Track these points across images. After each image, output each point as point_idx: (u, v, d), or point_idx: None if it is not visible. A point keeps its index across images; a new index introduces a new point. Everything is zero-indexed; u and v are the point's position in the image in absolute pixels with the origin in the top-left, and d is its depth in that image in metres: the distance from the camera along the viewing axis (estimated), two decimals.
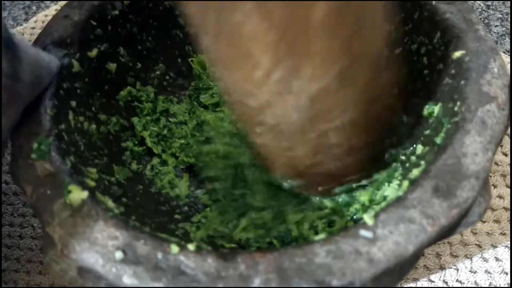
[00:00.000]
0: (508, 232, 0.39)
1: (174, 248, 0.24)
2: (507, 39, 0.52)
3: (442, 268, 0.38)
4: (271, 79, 0.25)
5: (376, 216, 0.25)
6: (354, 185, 0.34)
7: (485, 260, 0.38)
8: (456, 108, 0.29)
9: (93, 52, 0.36)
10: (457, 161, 0.26)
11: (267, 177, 0.35)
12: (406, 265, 0.25)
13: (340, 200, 0.34)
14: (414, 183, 0.26)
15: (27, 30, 0.58)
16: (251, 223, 0.33)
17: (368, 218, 0.25)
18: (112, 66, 0.38)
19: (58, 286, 0.39)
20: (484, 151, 0.26)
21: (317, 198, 0.35)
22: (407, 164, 0.32)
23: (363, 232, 0.24)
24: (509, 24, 0.53)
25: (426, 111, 0.33)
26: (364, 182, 0.34)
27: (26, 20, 0.60)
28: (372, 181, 0.34)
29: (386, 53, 0.29)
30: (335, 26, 0.23)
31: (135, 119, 0.39)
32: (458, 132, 0.27)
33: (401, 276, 0.25)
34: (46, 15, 0.59)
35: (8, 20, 0.61)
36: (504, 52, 0.51)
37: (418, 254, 0.24)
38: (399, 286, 0.37)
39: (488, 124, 0.27)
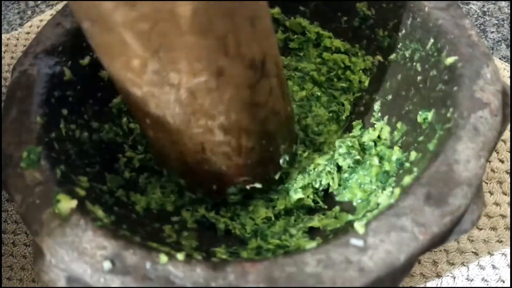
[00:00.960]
0: (505, 240, 0.39)
1: (163, 258, 0.24)
2: (503, 45, 0.52)
3: (438, 276, 0.38)
4: (149, 68, 0.25)
5: (367, 224, 0.24)
6: (248, 187, 0.35)
7: (482, 267, 0.38)
8: (449, 115, 0.29)
9: (86, 60, 0.36)
10: (449, 168, 0.26)
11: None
12: (397, 274, 0.24)
13: None
14: (406, 190, 0.26)
15: (21, 35, 0.58)
16: None
17: (359, 227, 0.24)
18: (105, 73, 0.37)
19: None
20: (476, 157, 0.26)
21: None
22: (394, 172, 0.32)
23: (354, 241, 0.24)
24: (505, 30, 0.53)
25: (419, 117, 0.33)
26: (257, 184, 0.35)
27: (21, 25, 0.61)
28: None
29: (275, 59, 0.30)
30: (206, 24, 0.24)
31: (133, 125, 0.39)
32: (451, 138, 0.27)
33: (393, 285, 0.25)
34: (41, 20, 0.59)
35: (3, 25, 0.61)
36: (500, 59, 0.51)
37: (410, 262, 0.24)
38: None
39: (480, 131, 0.27)
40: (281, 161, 0.35)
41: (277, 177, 0.36)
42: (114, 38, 0.24)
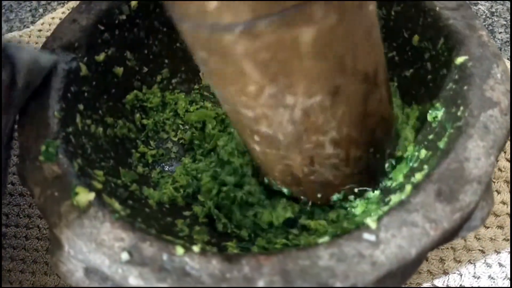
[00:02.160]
0: None
1: (179, 250, 0.25)
2: None
3: (445, 273, 0.38)
4: (265, 93, 0.26)
5: (379, 219, 0.25)
6: (356, 190, 0.34)
7: (489, 265, 0.38)
8: (459, 113, 0.29)
9: (101, 56, 0.36)
10: (459, 165, 0.26)
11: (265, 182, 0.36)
12: (408, 269, 0.25)
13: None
14: (417, 187, 0.26)
15: (33, 32, 0.59)
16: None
17: (371, 222, 0.25)
18: (119, 70, 0.38)
19: (63, 287, 0.39)
20: (486, 155, 0.26)
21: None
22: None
23: (366, 236, 0.24)
24: None
25: (430, 116, 0.33)
26: (366, 188, 0.34)
27: (33, 22, 0.61)
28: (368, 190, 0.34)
29: (384, 67, 0.30)
30: (326, 48, 0.24)
31: (146, 121, 0.40)
32: (461, 136, 0.27)
33: (403, 279, 0.25)
34: (53, 18, 0.60)
35: (15, 22, 0.62)
36: (508, 59, 0.51)
37: (421, 257, 0.25)
38: None
39: (490, 129, 0.27)
40: (386, 165, 0.35)
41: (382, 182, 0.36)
42: (232, 69, 0.25)
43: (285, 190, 0.35)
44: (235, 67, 0.24)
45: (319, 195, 0.34)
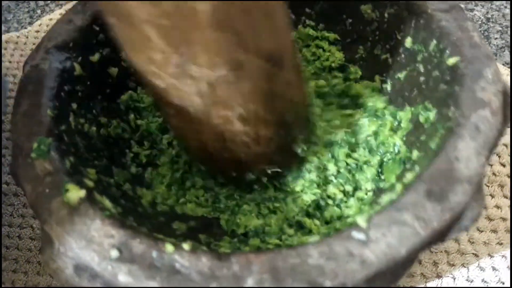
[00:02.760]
0: (505, 242, 0.39)
1: (169, 247, 0.25)
2: (507, 52, 0.53)
3: (439, 276, 0.38)
4: (172, 62, 0.27)
5: (369, 218, 0.25)
6: (269, 171, 0.36)
7: (482, 269, 0.38)
8: (450, 114, 0.29)
9: (95, 57, 0.37)
10: (450, 165, 0.26)
11: None
12: (399, 268, 0.25)
13: None
14: (407, 187, 0.26)
15: (31, 33, 0.59)
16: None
17: (361, 221, 0.25)
18: (114, 70, 0.38)
19: (56, 287, 0.39)
20: (477, 155, 0.26)
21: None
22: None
23: (356, 234, 0.24)
24: (508, 37, 0.54)
25: (422, 117, 0.33)
26: (277, 169, 0.36)
27: (30, 23, 0.62)
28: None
29: (292, 52, 0.31)
30: (224, 21, 0.25)
31: (140, 121, 0.40)
32: (452, 137, 0.27)
33: (393, 279, 0.25)
34: (50, 19, 0.60)
35: (12, 23, 0.62)
36: (503, 64, 0.51)
37: (411, 257, 0.24)
38: None
39: (481, 130, 0.27)
40: (298, 150, 0.36)
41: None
42: (138, 34, 0.25)
43: (202, 167, 0.37)
44: (141, 34, 0.25)
45: (233, 174, 0.36)
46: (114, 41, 0.38)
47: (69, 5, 0.62)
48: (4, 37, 0.59)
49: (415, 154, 0.32)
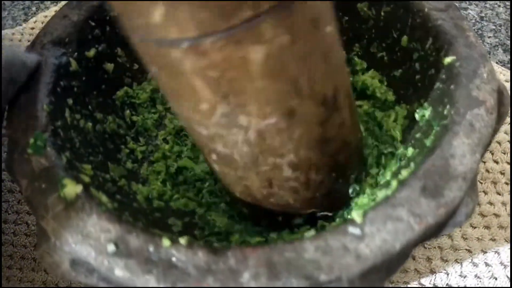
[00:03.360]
0: (498, 238, 0.40)
1: (166, 242, 0.25)
2: (500, 50, 0.53)
3: (432, 272, 0.38)
4: (217, 112, 0.25)
5: (364, 214, 0.25)
6: (319, 214, 0.34)
7: (475, 265, 0.38)
8: (445, 112, 0.29)
9: (91, 52, 0.36)
10: (445, 162, 0.27)
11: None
12: (393, 263, 0.25)
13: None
14: (402, 183, 0.27)
15: (26, 30, 0.59)
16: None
17: (356, 216, 0.25)
18: (110, 66, 0.38)
19: (51, 286, 0.39)
20: (471, 153, 0.27)
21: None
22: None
23: (352, 229, 0.25)
24: (502, 35, 0.54)
25: (417, 115, 0.33)
26: (327, 213, 0.34)
27: (25, 20, 0.61)
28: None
29: (346, 91, 0.29)
30: (278, 69, 0.23)
31: (136, 117, 0.40)
32: (447, 134, 0.28)
33: (388, 274, 0.25)
34: (45, 16, 0.60)
35: (7, 20, 0.62)
36: (496, 63, 0.52)
37: (405, 252, 0.25)
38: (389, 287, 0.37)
39: (476, 127, 0.28)
40: (350, 190, 0.34)
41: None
42: (183, 84, 0.24)
43: (245, 210, 0.35)
44: (186, 84, 0.24)
45: (280, 218, 0.34)
46: (109, 36, 0.38)
47: (64, 2, 0.62)
48: None
49: (410, 151, 0.32)
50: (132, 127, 0.39)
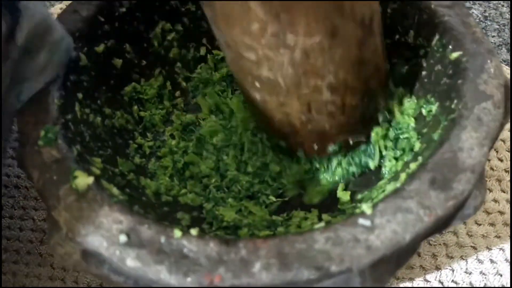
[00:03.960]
0: (503, 235, 0.40)
1: (177, 233, 0.25)
2: (504, 49, 0.53)
3: (438, 268, 0.39)
4: (268, 32, 0.27)
5: (374, 206, 0.25)
6: (351, 142, 0.36)
7: (480, 261, 0.39)
8: (453, 106, 0.30)
9: (100, 47, 0.37)
10: (453, 155, 0.27)
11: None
12: (402, 254, 0.25)
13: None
14: (411, 175, 0.27)
15: None
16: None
17: (366, 208, 0.25)
18: (118, 61, 0.39)
19: (57, 280, 0.39)
20: (480, 146, 0.27)
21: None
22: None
23: (362, 221, 0.25)
24: (505, 35, 0.54)
25: (424, 110, 0.34)
26: (361, 138, 0.36)
27: None
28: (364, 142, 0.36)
29: (379, 16, 0.31)
30: None
31: (144, 113, 0.40)
32: (455, 128, 0.28)
33: (397, 265, 0.25)
34: (51, 13, 0.60)
35: None
36: (500, 62, 0.52)
37: (415, 243, 0.25)
38: (395, 285, 0.37)
39: (484, 121, 0.28)
40: (380, 118, 0.36)
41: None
42: (238, 5, 0.26)
43: (282, 143, 0.36)
44: (241, 4, 0.26)
45: (315, 146, 0.36)
46: (118, 32, 0.38)
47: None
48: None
49: (417, 145, 0.33)
50: (140, 123, 0.40)
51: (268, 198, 0.37)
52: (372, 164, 0.37)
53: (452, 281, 0.38)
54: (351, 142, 0.36)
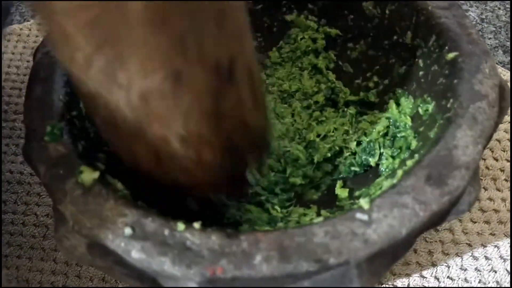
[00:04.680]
0: (498, 233, 0.41)
1: (180, 226, 0.26)
2: (500, 51, 0.54)
3: (434, 264, 0.39)
4: (94, 66, 0.23)
5: (371, 201, 0.26)
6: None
7: (475, 258, 0.39)
8: (449, 105, 0.31)
9: None
10: (448, 152, 0.28)
11: None
12: (399, 248, 0.26)
13: None
14: (407, 172, 0.28)
15: (34, 25, 0.60)
16: None
17: (364, 203, 0.26)
18: None
19: (60, 275, 0.40)
20: (474, 144, 0.28)
21: None
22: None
23: (359, 215, 0.26)
24: (502, 37, 0.55)
25: (421, 109, 0.34)
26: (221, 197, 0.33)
27: (33, 16, 0.62)
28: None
29: (247, 64, 0.27)
30: (160, 20, 0.21)
31: None
32: (450, 126, 0.29)
33: (394, 259, 0.26)
34: None
35: (15, 16, 0.63)
36: (496, 64, 0.53)
37: (410, 238, 0.26)
38: (392, 281, 0.38)
39: (479, 120, 0.29)
40: (249, 178, 0.33)
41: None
42: (56, 29, 0.22)
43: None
44: (58, 27, 0.22)
45: (171, 195, 0.31)
46: None
47: None
48: (7, 29, 0.59)
49: (414, 144, 0.33)
50: None
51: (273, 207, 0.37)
52: (372, 161, 0.38)
53: (448, 277, 0.39)
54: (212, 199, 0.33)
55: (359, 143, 0.39)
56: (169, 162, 0.28)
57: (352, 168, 0.38)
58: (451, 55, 0.32)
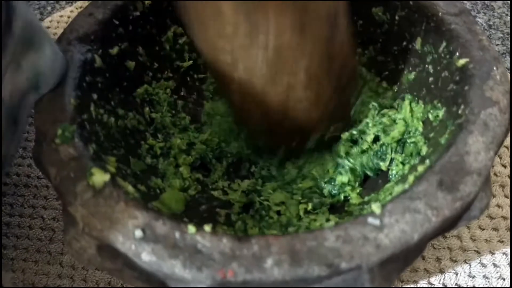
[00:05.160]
0: (506, 240, 0.40)
1: (191, 229, 0.26)
2: (508, 58, 0.54)
3: (441, 271, 0.39)
4: (240, 33, 0.29)
5: (383, 206, 0.26)
6: (326, 137, 0.38)
7: (484, 265, 0.39)
8: (460, 111, 0.31)
9: (114, 50, 0.38)
10: (460, 158, 0.27)
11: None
12: (410, 253, 0.26)
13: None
14: (419, 177, 0.27)
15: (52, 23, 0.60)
16: None
17: (375, 207, 0.26)
18: (131, 64, 0.39)
19: (66, 278, 0.40)
20: (486, 150, 0.28)
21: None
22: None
23: (371, 220, 0.25)
24: (509, 43, 0.55)
25: (431, 115, 0.34)
26: (334, 133, 0.38)
27: (41, 20, 0.62)
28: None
29: (343, 11, 0.32)
30: None
31: (155, 115, 0.41)
32: (462, 132, 0.29)
33: (405, 264, 0.26)
34: (61, 16, 0.61)
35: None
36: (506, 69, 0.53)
37: (422, 243, 0.26)
38: (400, 287, 0.38)
39: (490, 126, 0.29)
40: (352, 112, 0.38)
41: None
42: (209, 8, 0.28)
43: (260, 143, 0.39)
44: (212, 7, 0.28)
45: (294, 144, 0.38)
46: (132, 35, 0.39)
47: (80, 2, 0.63)
48: None
49: (424, 150, 0.33)
50: (151, 124, 0.40)
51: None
52: (383, 166, 0.38)
53: (456, 284, 0.38)
54: (326, 138, 0.38)
55: (376, 139, 0.39)
56: (294, 107, 0.34)
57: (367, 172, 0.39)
58: (461, 62, 0.32)
